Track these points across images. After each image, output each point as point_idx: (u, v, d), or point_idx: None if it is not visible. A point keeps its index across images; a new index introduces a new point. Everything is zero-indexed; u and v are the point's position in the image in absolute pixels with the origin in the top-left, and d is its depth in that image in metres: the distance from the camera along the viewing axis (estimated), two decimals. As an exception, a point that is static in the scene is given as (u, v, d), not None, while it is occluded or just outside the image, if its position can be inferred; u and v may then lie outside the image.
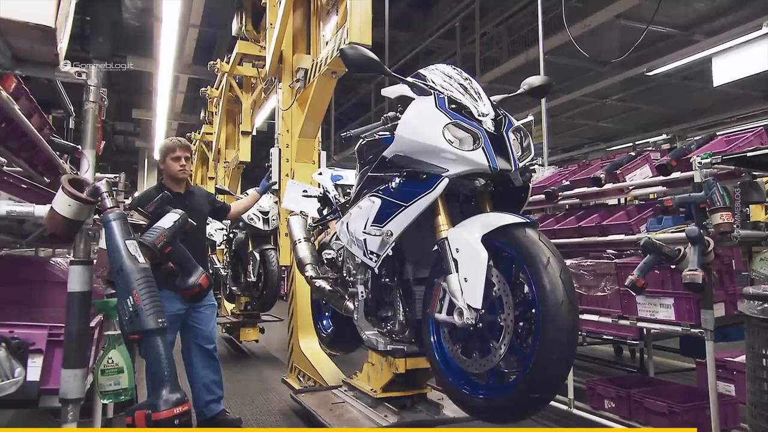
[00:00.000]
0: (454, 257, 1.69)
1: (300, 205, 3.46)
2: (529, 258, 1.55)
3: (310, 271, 2.93)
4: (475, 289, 1.60)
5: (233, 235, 5.89)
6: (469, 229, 1.69)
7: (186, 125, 13.46)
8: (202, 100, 10.11)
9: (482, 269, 1.59)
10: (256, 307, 5.72)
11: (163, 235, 1.94)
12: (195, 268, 2.17)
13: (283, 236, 4.23)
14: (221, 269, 6.64)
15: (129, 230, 1.59)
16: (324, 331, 3.25)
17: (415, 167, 1.85)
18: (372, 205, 2.01)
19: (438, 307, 1.76)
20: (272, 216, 5.29)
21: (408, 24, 10.03)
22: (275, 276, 5.19)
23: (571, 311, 1.48)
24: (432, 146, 1.75)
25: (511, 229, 1.62)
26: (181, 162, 3.10)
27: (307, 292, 3.46)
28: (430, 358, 1.91)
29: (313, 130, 4.20)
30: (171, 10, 7.02)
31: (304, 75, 4.11)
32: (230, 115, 8.10)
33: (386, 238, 1.90)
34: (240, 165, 7.51)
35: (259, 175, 4.32)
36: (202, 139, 9.91)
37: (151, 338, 1.46)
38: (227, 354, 6.06)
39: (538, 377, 1.49)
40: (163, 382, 1.44)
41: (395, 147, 1.93)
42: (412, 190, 1.83)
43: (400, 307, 2.13)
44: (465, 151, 1.71)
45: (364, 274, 2.31)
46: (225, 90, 7.70)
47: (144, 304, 1.45)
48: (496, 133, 1.78)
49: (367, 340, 2.43)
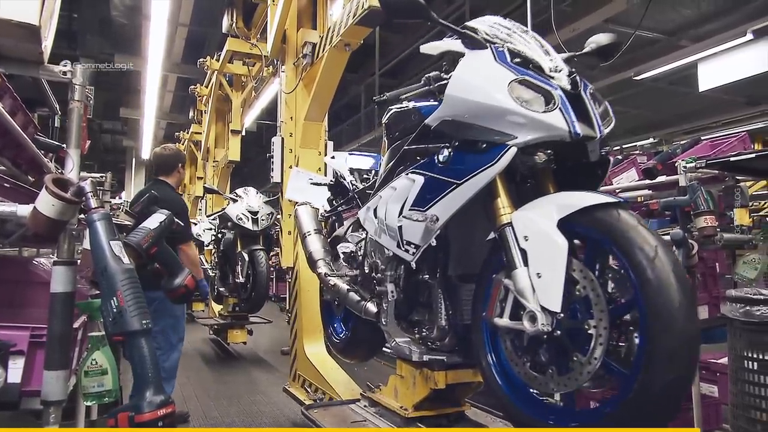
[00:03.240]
0: (521, 247, 1.37)
1: (306, 196, 3.11)
2: (627, 247, 1.22)
3: (323, 267, 2.52)
4: (552, 287, 1.29)
5: (221, 235, 5.84)
6: (541, 211, 1.37)
7: (174, 125, 13.35)
8: (191, 99, 10.05)
9: (561, 262, 1.28)
10: (245, 309, 5.67)
11: (148, 236, 1.92)
12: (181, 269, 2.15)
13: (285, 235, 3.92)
14: (209, 270, 6.59)
15: (114, 231, 1.58)
16: (336, 335, 2.82)
17: (471, 135, 1.51)
18: (411, 184, 1.67)
19: (498, 310, 1.47)
20: (261, 216, 5.23)
21: (399, 25, 10.04)
22: (264, 277, 5.14)
23: (690, 316, 1.16)
24: (495, 107, 1.42)
25: (598, 212, 1.30)
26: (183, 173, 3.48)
27: (314, 292, 3.17)
28: (485, 372, 1.57)
29: (321, 112, 3.78)
30: (160, 8, 6.95)
31: (311, 50, 3.67)
32: (220, 113, 8.05)
33: (430, 225, 1.56)
34: (229, 164, 7.47)
35: (248, 175, 4.29)
36: (191, 138, 9.85)
37: (135, 339, 1.45)
38: (214, 356, 6.03)
39: (645, 403, 1.15)
40: (147, 384, 1.43)
41: (444, 111, 1.59)
42: (466, 164, 1.49)
43: (441, 309, 1.77)
44: (538, 112, 1.39)
45: (395, 270, 1.95)
46: (215, 88, 7.64)
47: (128, 305, 1.44)
48: (573, 92, 1.45)
49: (397, 349, 2.02)
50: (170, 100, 12.68)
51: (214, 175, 8.10)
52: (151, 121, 12.08)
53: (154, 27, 7.45)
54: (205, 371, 5.24)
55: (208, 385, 4.62)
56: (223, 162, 7.60)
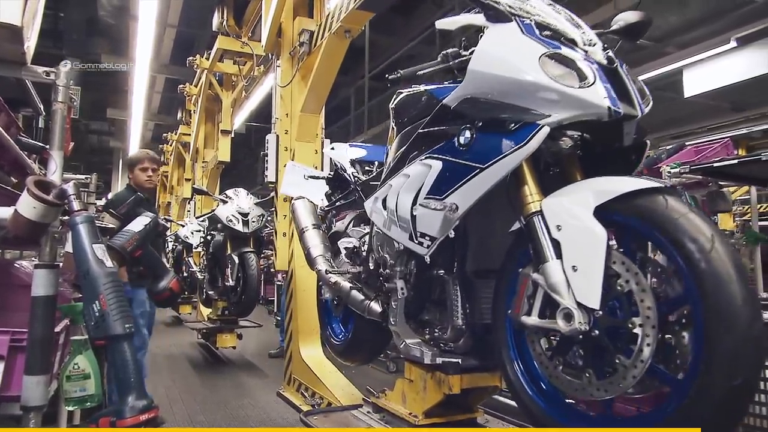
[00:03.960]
0: (553, 238, 1.25)
1: (302, 190, 2.93)
2: (679, 238, 1.09)
3: (323, 264, 2.37)
4: (590, 280, 1.16)
5: (211, 237, 5.75)
6: (575, 198, 1.25)
7: (162, 126, 13.25)
8: (179, 100, 9.98)
9: (600, 253, 1.16)
10: (234, 313, 5.58)
11: (133, 239, 1.91)
12: (166, 272, 2.14)
13: (280, 237, 3.79)
14: (198, 273, 6.52)
15: (97, 233, 1.56)
16: (335, 337, 2.65)
17: (497, 114, 1.38)
18: (427, 171, 1.53)
19: (525, 308, 1.33)
20: (252, 218, 5.14)
21: (389, 28, 10.06)
22: (255, 280, 5.06)
23: (754, 313, 1.04)
24: (526, 83, 1.30)
25: (642, 198, 1.17)
26: (148, 173, 3.19)
27: (311, 291, 3.04)
28: (509, 376, 1.43)
29: (318, 104, 3.61)
30: (148, 9, 6.91)
31: (309, 38, 3.51)
32: (209, 113, 7.97)
33: (449, 215, 1.43)
34: (219, 165, 7.39)
35: (237, 177, 4.24)
36: (179, 140, 9.78)
37: (117, 344, 1.43)
38: (202, 360, 5.96)
39: (704, 410, 1.03)
40: (130, 389, 1.41)
41: (466, 89, 1.46)
42: (491, 146, 1.36)
43: (457, 307, 1.64)
44: (574, 88, 1.26)
45: (406, 265, 1.80)
46: (204, 87, 7.56)
47: (111, 309, 1.42)
48: (609, 67, 1.34)
49: (407, 351, 1.85)
50: (158, 101, 12.58)
51: (203, 176, 8.01)
52: (139, 122, 11.98)
53: (142, 28, 7.39)
54: (192, 375, 5.18)
55: (195, 389, 4.58)
56: (212, 163, 7.53)
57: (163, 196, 12.57)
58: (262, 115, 10.40)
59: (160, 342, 6.56)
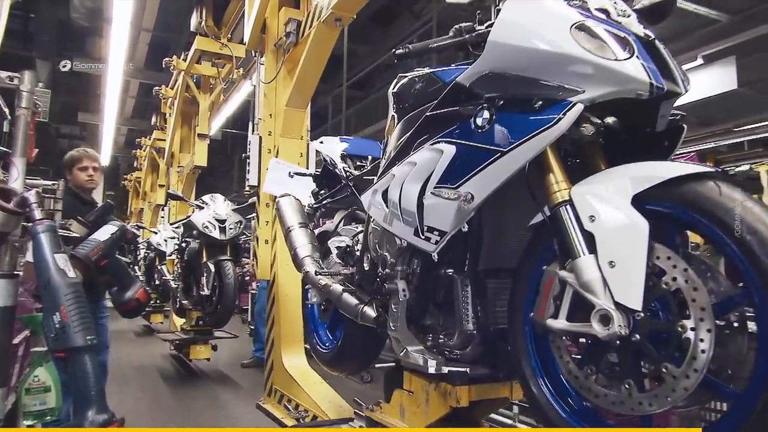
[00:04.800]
0: (585, 230, 1.10)
1: (286, 188, 2.75)
2: (737, 228, 0.97)
3: (311, 265, 2.19)
4: (631, 278, 1.04)
5: (185, 244, 5.48)
6: (610, 185, 1.11)
7: (136, 131, 13.02)
8: (153, 105, 9.81)
9: (642, 246, 1.03)
10: (209, 323, 5.38)
11: (98, 248, 1.85)
12: (132, 282, 2.08)
13: (262, 244, 3.62)
14: (171, 281, 6.33)
15: (59, 243, 1.51)
16: (322, 344, 2.47)
17: (521, 92, 1.24)
18: (438, 157, 1.37)
19: (551, 310, 1.19)
20: (229, 224, 4.96)
21: (367, 38, 10.11)
22: (231, 289, 4.88)
23: None
24: (556, 54, 1.16)
25: (688, 184, 1.04)
26: (88, 172, 2.99)
27: (295, 296, 2.88)
28: (530, 387, 1.28)
29: (304, 98, 3.44)
30: (122, 12, 6.78)
31: (296, 27, 3.32)
32: (186, 116, 7.78)
33: (463, 206, 1.28)
34: (195, 170, 7.20)
35: (212, 184, 4.14)
36: (153, 145, 9.60)
37: (78, 356, 1.37)
38: (175, 374, 5.73)
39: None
40: (90, 402, 1.35)
41: (484, 64, 1.32)
42: (513, 127, 1.21)
43: (468, 310, 1.47)
44: (612, 60, 1.13)
45: (408, 264, 1.63)
46: (181, 90, 7.37)
47: (72, 321, 1.36)
48: (647, 39, 1.20)
49: (408, 359, 1.66)
50: (132, 106, 12.37)
51: (178, 181, 7.79)
52: (111, 126, 11.73)
53: (116, 31, 7.25)
54: (162, 387, 5.02)
55: (165, 402, 4.43)
56: (188, 167, 7.34)
57: (136, 203, 12.32)
58: (238, 122, 10.31)
59: (129, 352, 6.35)
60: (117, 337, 7.06)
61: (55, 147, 14.34)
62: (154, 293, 7.60)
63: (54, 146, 14.09)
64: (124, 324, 7.18)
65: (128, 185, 13.28)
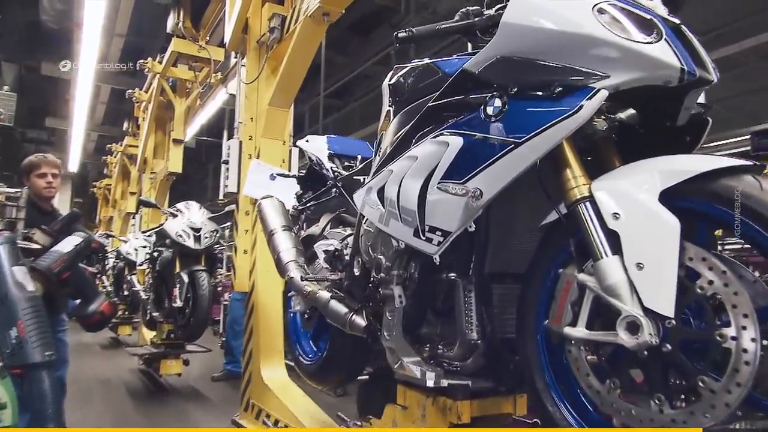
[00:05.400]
0: (609, 229, 1.01)
1: (267, 191, 2.60)
2: None
3: (296, 271, 2.06)
4: (661, 281, 0.95)
5: (158, 253, 5.26)
6: (635, 180, 1.02)
7: (106, 137, 12.71)
8: (125, 111, 9.59)
9: (673, 246, 0.95)
10: (181, 336, 5.15)
11: (60, 260, 1.75)
12: (96, 295, 1.99)
13: (240, 255, 3.45)
14: (141, 292, 6.12)
15: (18, 255, 1.42)
16: (305, 356, 2.34)
17: (538, 77, 1.13)
18: (443, 150, 1.26)
19: (568, 317, 1.10)
20: (204, 233, 4.79)
21: (346, 47, 10.12)
22: (206, 301, 4.68)
23: None
24: (579, 36, 1.07)
25: (723, 179, 0.95)
26: (47, 179, 2.83)
27: (276, 304, 2.75)
28: (545, 401, 1.19)
29: (288, 97, 3.30)
30: (94, 16, 6.62)
31: (280, 23, 3.19)
32: (160, 121, 7.53)
33: (471, 203, 1.17)
34: (169, 176, 6.95)
35: (186, 192, 4.01)
36: (125, 151, 9.35)
37: (35, 373, 1.28)
38: (143, 389, 5.47)
39: None
40: (48, 420, 1.27)
41: (496, 48, 1.21)
42: (529, 117, 1.11)
43: (472, 318, 1.36)
44: (639, 43, 1.04)
45: (406, 268, 1.52)
46: (156, 93, 7.15)
47: (30, 336, 1.28)
48: (673, 23, 1.12)
49: (404, 371, 1.53)
50: (103, 111, 12.09)
51: (151, 188, 7.50)
52: (81, 132, 11.43)
53: (87, 35, 7.07)
54: (128, 403, 4.79)
55: (130, 416, 4.23)
56: (162, 174, 7.08)
57: (105, 210, 11.97)
58: (213, 130, 10.16)
59: (94, 366, 6.08)
60: (81, 349, 6.81)
61: (20, 152, 13.88)
62: (123, 304, 7.35)
63: (19, 151, 13.65)
64: (89, 336, 6.92)
65: (97, 193, 12.91)
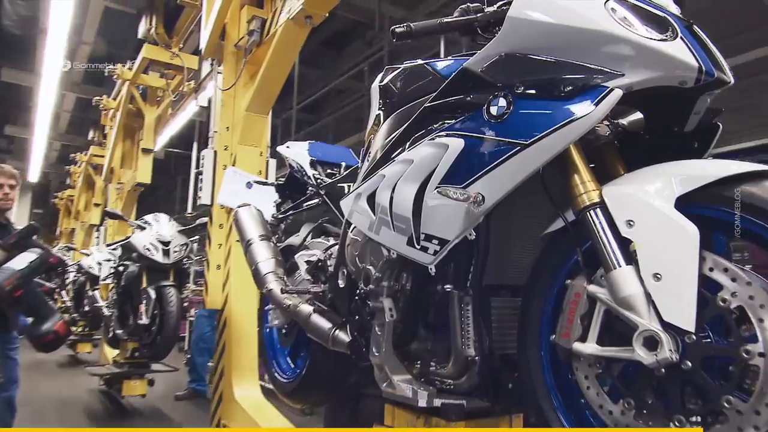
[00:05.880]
0: (622, 236, 0.97)
1: (244, 200, 2.49)
2: None
3: (274, 283, 1.96)
4: (681, 293, 0.90)
5: (123, 268, 5.02)
6: (649, 185, 0.97)
7: (70, 146, 12.33)
8: (91, 120, 9.33)
9: (693, 255, 0.89)
10: (147, 355, 4.90)
11: (12, 278, 1.68)
12: (51, 314, 1.89)
13: (213, 270, 3.32)
14: (104, 308, 5.84)
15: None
16: (282, 373, 2.23)
17: (546, 75, 1.08)
18: (442, 152, 1.18)
19: (577, 332, 1.03)
20: (174, 247, 4.60)
21: (319, 62, 10.14)
22: (174, 318, 4.46)
23: None
24: (591, 31, 1.02)
25: (744, 186, 0.90)
26: (4, 190, 2.75)
27: (249, 317, 2.66)
28: (551, 423, 1.12)
29: (266, 103, 3.22)
30: (59, 23, 6.43)
31: (260, 25, 3.12)
32: (128, 130, 7.30)
33: (473, 209, 1.11)
34: (137, 187, 6.72)
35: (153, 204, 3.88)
36: (90, 161, 9.06)
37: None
38: (102, 410, 5.18)
39: None
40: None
41: (501, 45, 1.15)
42: (537, 117, 1.05)
43: (469, 333, 1.28)
44: (656, 40, 1.00)
45: (397, 279, 1.44)
46: (125, 101, 6.92)
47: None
48: (687, 22, 1.07)
49: (394, 390, 1.43)
50: (67, 120, 11.74)
51: (117, 199, 7.23)
52: (43, 141, 11.04)
53: (52, 42, 6.86)
54: (85, 424, 4.56)
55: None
56: (129, 184, 6.85)
57: (67, 222, 11.54)
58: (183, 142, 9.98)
59: (48, 385, 5.74)
60: (35, 368, 6.45)
61: (-24, 161, 13.33)
62: (83, 321, 7.06)
63: (-25, 160, 13.11)
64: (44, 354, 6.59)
65: (59, 204, 12.45)
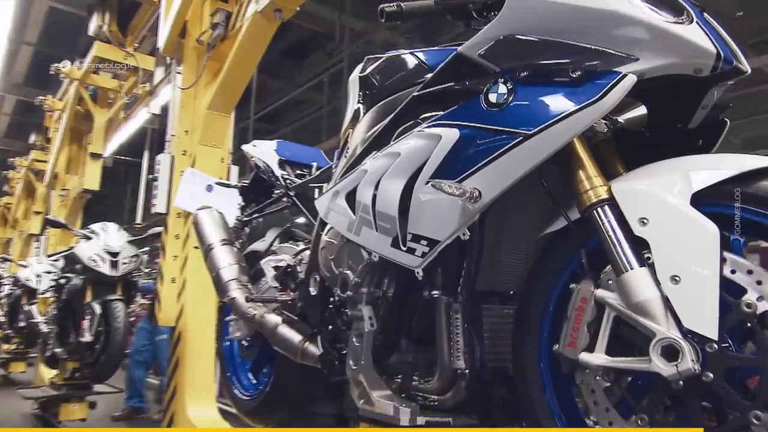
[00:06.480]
0: (635, 235, 0.89)
1: (204, 203, 2.32)
2: None
3: (237, 290, 1.80)
4: (702, 298, 0.82)
5: (65, 280, 4.66)
6: (662, 181, 0.90)
7: (9, 151, 11.60)
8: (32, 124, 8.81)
9: (714, 257, 0.82)
10: (89, 375, 4.51)
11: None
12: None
13: (167, 283, 3.09)
14: (42, 324, 5.39)
15: None
16: (243, 391, 2.09)
17: (551, 59, 0.99)
18: (434, 144, 1.07)
19: (584, 341, 0.95)
20: (123, 258, 4.28)
21: (279, 71, 10.01)
22: (120, 335, 4.14)
23: None
24: (603, 12, 0.94)
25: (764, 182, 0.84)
26: None
27: (205, 331, 2.51)
28: None
29: (230, 101, 3.05)
30: (0, 21, 6.07)
31: (225, 18, 2.94)
32: (75, 133, 6.83)
33: (468, 206, 1.00)
34: (83, 194, 6.28)
35: (99, 213, 3.62)
36: (30, 166, 8.50)
37: None
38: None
39: None
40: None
41: (501, 26, 1.05)
42: (541, 104, 0.96)
43: (458, 343, 1.16)
44: (673, 24, 0.93)
45: (378, 285, 1.32)
46: (73, 102, 6.47)
47: None
48: (699, 7, 1.01)
49: (372, 407, 1.29)
50: (6, 123, 11.07)
51: (61, 206, 6.71)
52: (-23, 146, 10.34)
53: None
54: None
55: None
56: (75, 191, 6.39)
57: (3, 231, 10.78)
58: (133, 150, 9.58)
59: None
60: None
61: None
62: (17, 338, 6.57)
63: None
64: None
65: (-6, 211, 11.67)
